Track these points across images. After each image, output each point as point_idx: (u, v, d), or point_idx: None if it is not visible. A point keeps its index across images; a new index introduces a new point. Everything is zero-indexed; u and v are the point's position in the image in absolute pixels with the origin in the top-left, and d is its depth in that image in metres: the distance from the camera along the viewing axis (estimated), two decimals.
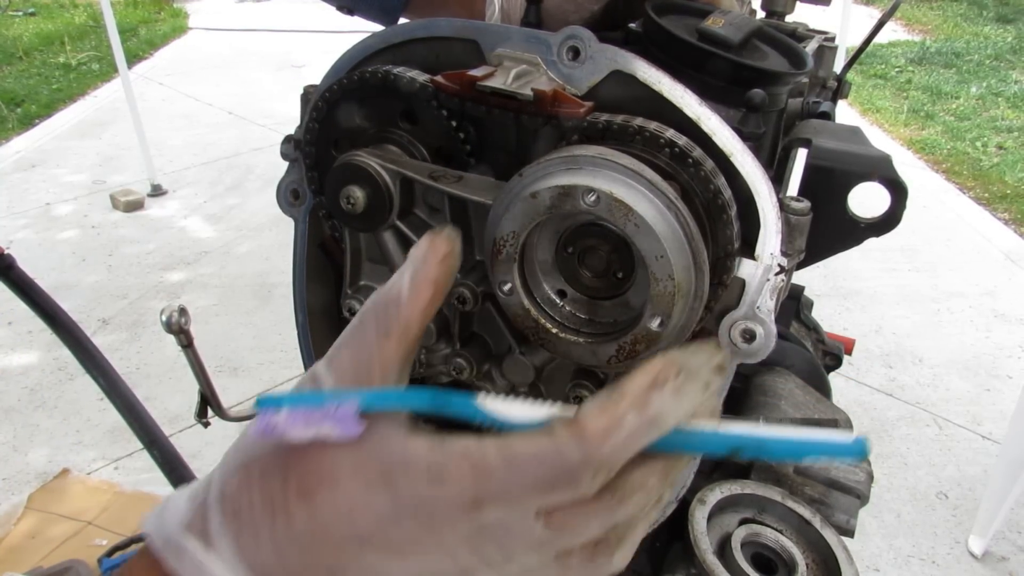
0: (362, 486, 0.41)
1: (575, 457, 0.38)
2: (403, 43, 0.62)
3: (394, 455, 0.41)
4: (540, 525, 0.40)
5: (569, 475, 0.38)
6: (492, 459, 0.39)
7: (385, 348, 0.45)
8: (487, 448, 0.40)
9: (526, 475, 0.39)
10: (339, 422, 0.41)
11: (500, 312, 0.63)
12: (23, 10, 9.04)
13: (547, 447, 0.39)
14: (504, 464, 0.39)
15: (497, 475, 0.39)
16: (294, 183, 0.70)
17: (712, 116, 0.54)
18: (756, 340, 0.56)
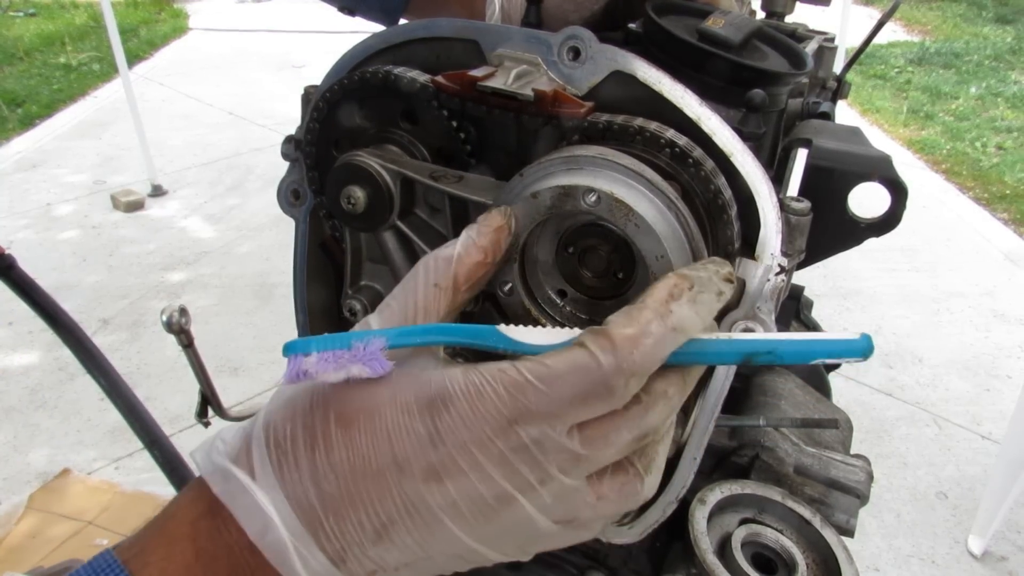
0: (401, 413, 0.42)
1: (610, 366, 0.39)
2: (403, 43, 0.63)
3: (431, 383, 0.42)
4: (574, 441, 0.41)
5: (605, 384, 0.40)
6: (529, 375, 0.40)
7: (431, 296, 0.47)
8: (522, 367, 0.41)
9: (563, 388, 0.40)
10: (367, 362, 0.43)
11: (500, 312, 0.63)
12: (23, 10, 9.05)
13: (581, 359, 0.40)
14: (540, 379, 0.40)
15: (533, 390, 0.40)
16: (295, 183, 0.70)
17: (712, 116, 0.54)
18: None
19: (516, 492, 0.41)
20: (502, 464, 0.41)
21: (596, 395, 0.40)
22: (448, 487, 0.41)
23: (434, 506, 0.41)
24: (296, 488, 0.42)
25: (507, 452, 0.41)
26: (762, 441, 0.79)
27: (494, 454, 0.41)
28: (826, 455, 0.78)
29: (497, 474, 0.41)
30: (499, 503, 0.42)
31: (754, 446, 0.79)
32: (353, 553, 0.42)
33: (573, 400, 0.40)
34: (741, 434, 0.81)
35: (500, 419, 0.40)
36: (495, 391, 0.41)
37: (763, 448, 0.78)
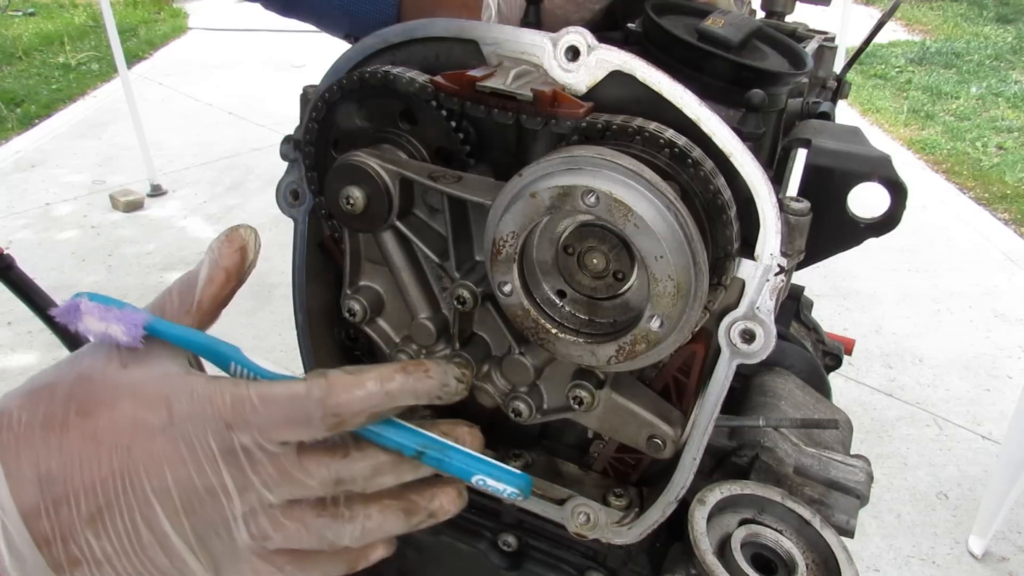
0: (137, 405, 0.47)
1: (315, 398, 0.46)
2: (402, 43, 0.62)
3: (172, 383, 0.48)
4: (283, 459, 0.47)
5: (305, 411, 0.46)
6: (251, 392, 0.47)
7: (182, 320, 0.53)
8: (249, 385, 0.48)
9: (274, 407, 0.46)
10: (127, 326, 0.48)
11: (500, 312, 0.63)
12: (23, 10, 9.04)
13: (297, 388, 0.47)
14: (259, 396, 0.47)
15: (251, 404, 0.46)
16: (294, 183, 0.70)
17: (712, 116, 0.54)
18: (756, 340, 0.56)
19: (222, 492, 0.46)
20: (214, 461, 0.46)
21: (296, 419, 0.46)
22: (165, 472, 0.46)
23: (149, 489, 0.46)
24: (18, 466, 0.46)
25: (219, 452, 0.46)
26: (762, 441, 0.79)
27: (209, 451, 0.46)
28: (826, 455, 0.78)
29: (209, 469, 0.46)
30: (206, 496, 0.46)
31: (754, 446, 0.79)
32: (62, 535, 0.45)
33: (279, 418, 0.46)
34: (741, 434, 0.81)
35: (220, 422, 0.46)
36: (222, 398, 0.47)
37: (763, 448, 0.78)
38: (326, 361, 0.78)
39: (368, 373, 0.48)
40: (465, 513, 0.81)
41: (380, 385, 0.48)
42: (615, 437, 0.68)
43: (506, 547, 0.79)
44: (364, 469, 0.50)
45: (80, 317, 0.48)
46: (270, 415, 0.46)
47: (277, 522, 0.48)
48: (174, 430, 0.46)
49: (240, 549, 0.48)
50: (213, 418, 0.46)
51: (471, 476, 0.51)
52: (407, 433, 0.51)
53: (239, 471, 0.47)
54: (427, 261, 0.66)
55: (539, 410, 0.67)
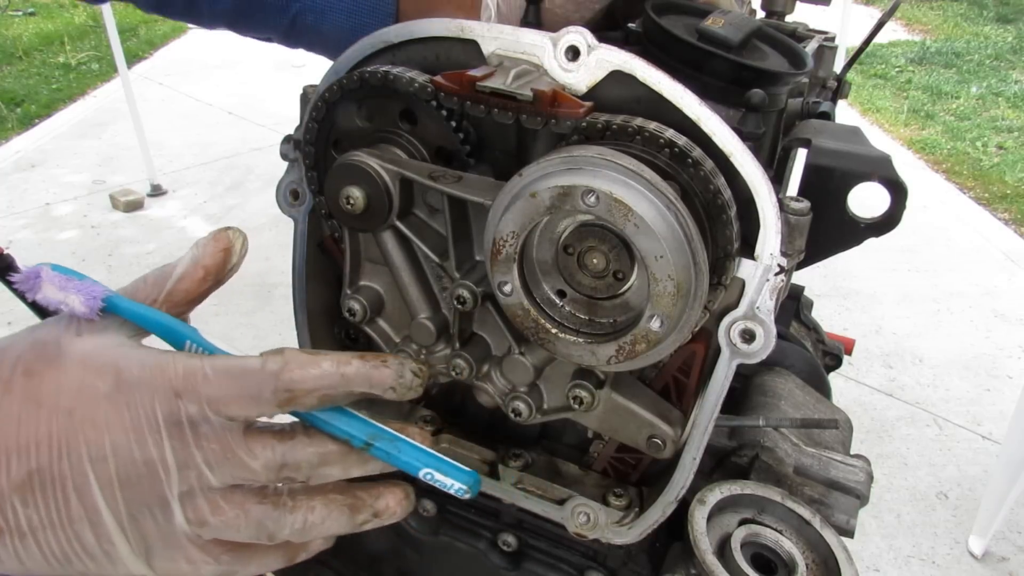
0: (85, 371, 0.46)
1: (268, 373, 0.45)
2: (403, 43, 0.62)
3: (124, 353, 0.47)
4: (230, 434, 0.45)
5: (257, 385, 0.45)
6: (205, 364, 0.46)
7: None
8: (204, 358, 0.46)
9: (226, 380, 0.45)
10: (86, 297, 0.48)
11: (500, 312, 0.63)
12: (23, 10, 9.04)
13: (251, 363, 0.46)
14: (212, 368, 0.46)
15: (203, 375, 0.45)
16: (294, 183, 0.70)
17: (712, 116, 0.54)
18: (756, 340, 0.56)
19: (160, 465, 0.45)
20: (157, 431, 0.45)
21: (248, 392, 0.45)
22: (105, 439, 0.44)
23: (86, 456, 0.44)
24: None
25: (164, 422, 0.45)
26: (762, 441, 0.79)
27: (153, 420, 0.44)
28: (826, 455, 0.78)
29: (151, 439, 0.44)
30: (144, 469, 0.45)
31: (754, 446, 0.79)
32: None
33: (231, 390, 0.45)
34: (741, 434, 0.81)
35: (169, 390, 0.45)
36: (174, 367, 0.45)
37: (763, 448, 0.78)
38: None
39: (326, 355, 0.48)
40: (465, 513, 0.81)
41: (336, 367, 0.47)
42: (615, 437, 0.68)
43: (506, 547, 0.79)
44: (311, 456, 0.48)
45: (39, 286, 0.48)
46: (221, 385, 0.45)
47: (216, 506, 0.46)
48: (120, 396, 0.45)
49: (175, 533, 0.46)
50: (162, 385, 0.45)
51: (419, 470, 0.50)
52: (357, 422, 0.50)
53: (182, 444, 0.45)
54: (427, 261, 0.66)
55: (539, 410, 0.67)
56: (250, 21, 0.90)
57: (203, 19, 0.92)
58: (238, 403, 0.45)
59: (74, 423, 0.44)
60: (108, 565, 0.47)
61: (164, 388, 0.45)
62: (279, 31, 0.90)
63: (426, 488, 0.73)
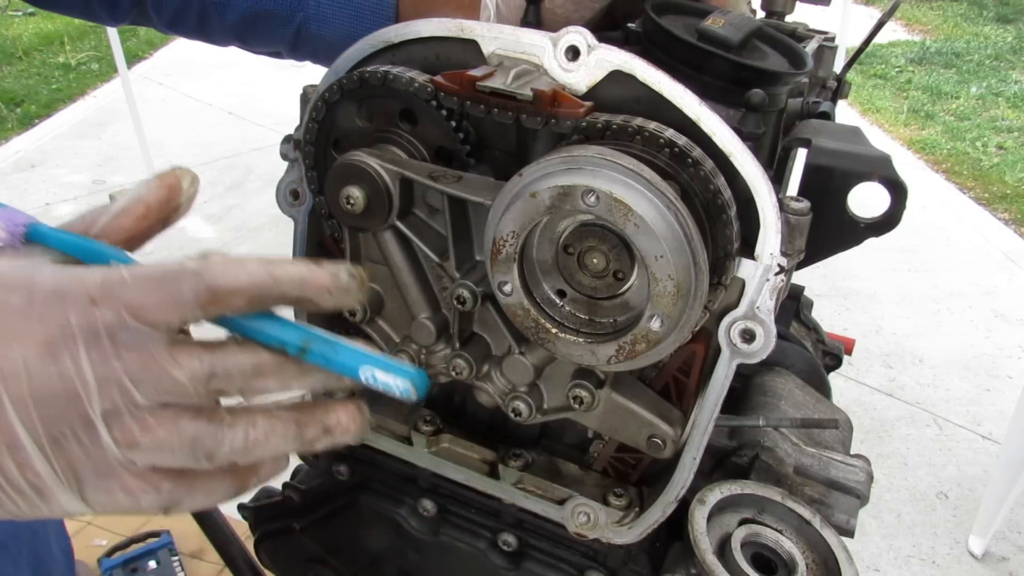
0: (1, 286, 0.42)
1: (190, 272, 0.42)
2: (402, 43, 0.62)
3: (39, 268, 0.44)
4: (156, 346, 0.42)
5: (178, 283, 0.42)
6: (124, 270, 0.43)
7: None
8: (124, 267, 0.44)
9: (146, 282, 0.42)
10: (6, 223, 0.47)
11: (500, 312, 0.63)
12: (23, 10, 9.04)
13: (173, 266, 0.43)
14: (131, 273, 0.42)
15: (121, 280, 0.42)
16: (294, 183, 0.70)
17: (712, 116, 0.54)
18: (756, 340, 0.56)
19: (77, 378, 0.41)
20: (73, 342, 0.41)
21: (168, 293, 0.42)
22: (17, 354, 0.41)
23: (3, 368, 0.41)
24: None
25: (79, 331, 0.41)
26: (762, 441, 0.79)
27: (68, 329, 0.41)
28: (826, 455, 0.78)
29: (67, 352, 0.41)
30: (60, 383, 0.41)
31: (754, 446, 0.79)
32: None
33: (150, 293, 0.42)
34: (741, 434, 0.81)
35: (85, 297, 0.42)
36: (91, 277, 0.42)
37: (763, 448, 0.78)
38: None
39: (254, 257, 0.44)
40: (465, 512, 0.81)
41: (264, 267, 0.44)
42: (615, 437, 0.68)
43: (506, 547, 0.79)
44: (243, 365, 0.44)
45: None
46: (140, 289, 0.42)
47: (145, 424, 0.42)
48: (32, 309, 0.42)
49: (106, 459, 0.43)
50: (78, 293, 0.42)
51: (359, 370, 0.46)
52: (290, 328, 0.46)
53: (100, 356, 0.41)
54: (427, 261, 0.66)
55: (539, 410, 0.67)
56: (257, 33, 0.91)
57: (215, 35, 0.93)
58: (158, 307, 0.42)
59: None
60: (39, 501, 0.44)
61: (80, 296, 0.42)
62: (285, 42, 0.91)
63: (428, 488, 0.72)
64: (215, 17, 0.90)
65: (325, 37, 0.88)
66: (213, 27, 0.91)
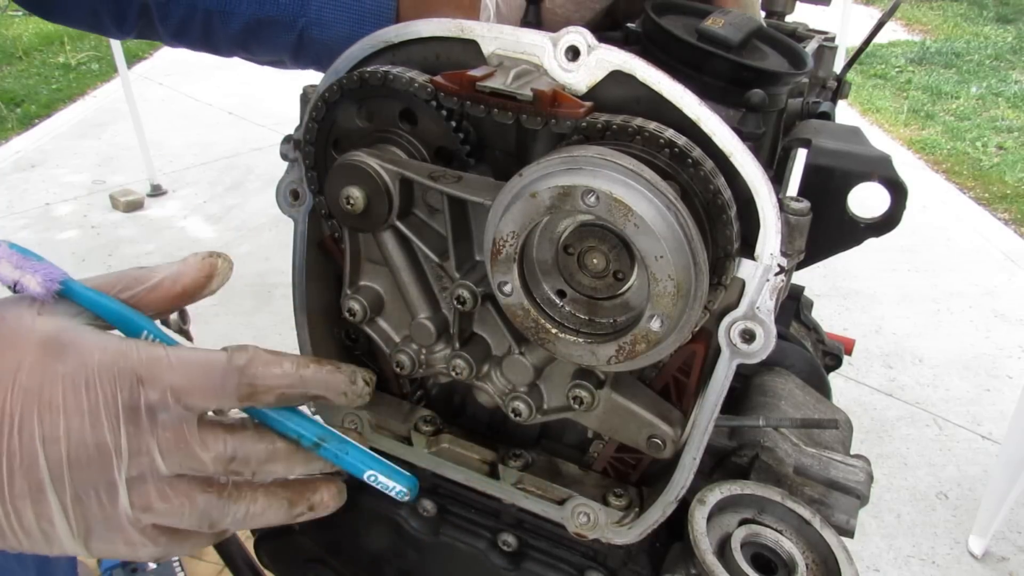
0: (45, 350, 0.45)
1: (234, 365, 0.47)
2: (402, 43, 0.62)
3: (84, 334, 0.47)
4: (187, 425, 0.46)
5: (222, 375, 0.47)
6: (169, 352, 0.46)
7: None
8: (168, 347, 0.47)
9: (191, 369, 0.46)
10: (43, 278, 0.48)
11: (500, 312, 0.63)
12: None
13: (217, 355, 0.47)
14: (177, 357, 0.46)
15: (168, 363, 0.45)
16: (294, 183, 0.70)
17: (712, 116, 0.54)
18: (756, 340, 0.56)
19: (113, 449, 0.45)
20: (114, 416, 0.45)
21: (213, 383, 0.46)
22: (60, 420, 0.44)
23: (38, 435, 0.44)
24: None
25: (123, 407, 0.45)
26: (762, 441, 0.79)
27: (113, 404, 0.45)
28: (826, 455, 0.78)
29: (107, 424, 0.44)
30: (96, 452, 0.45)
31: (754, 446, 0.79)
32: None
33: (195, 380, 0.46)
34: (741, 434, 0.81)
35: (132, 375, 0.45)
36: (137, 353, 0.46)
37: (763, 448, 0.78)
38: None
39: (287, 355, 0.50)
40: (465, 512, 0.81)
41: (296, 367, 0.49)
42: (615, 437, 0.68)
43: (506, 547, 0.79)
44: (260, 452, 0.50)
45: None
46: (187, 375, 0.46)
47: (163, 493, 0.47)
48: (80, 378, 0.45)
49: (118, 516, 0.47)
50: (126, 370, 0.45)
51: (364, 472, 0.53)
52: (309, 423, 0.52)
53: (137, 430, 0.45)
54: (427, 261, 0.66)
55: (539, 410, 0.67)
56: (261, 41, 0.91)
57: (220, 45, 0.94)
58: (201, 393, 0.46)
59: (29, 402, 0.44)
60: (43, 543, 0.47)
61: (127, 373, 0.45)
62: (289, 49, 0.92)
63: (428, 488, 0.73)
64: (219, 26, 0.90)
65: (327, 42, 0.88)
66: (217, 36, 0.92)
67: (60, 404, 0.44)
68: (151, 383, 0.45)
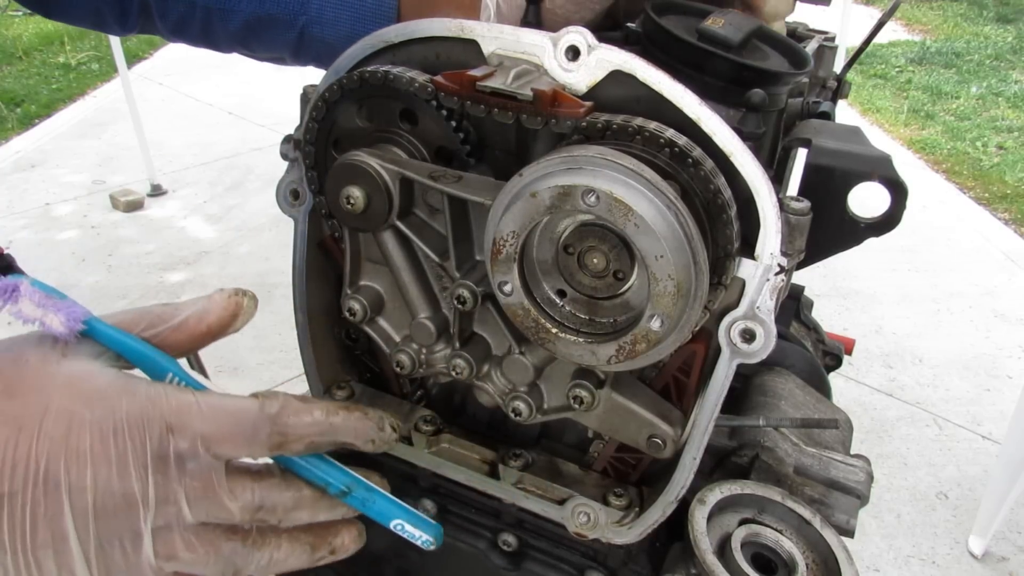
0: (72, 397, 0.44)
1: (266, 414, 0.47)
2: (403, 43, 0.62)
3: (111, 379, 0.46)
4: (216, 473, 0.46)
5: (254, 425, 0.46)
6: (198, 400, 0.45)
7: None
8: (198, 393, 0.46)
9: (222, 417, 0.45)
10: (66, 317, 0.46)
11: (500, 312, 0.63)
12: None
13: (248, 403, 0.47)
14: (208, 404, 0.45)
15: (199, 410, 0.45)
16: (294, 183, 0.70)
17: (712, 116, 0.54)
18: (756, 340, 0.56)
19: (141, 499, 0.44)
20: (142, 466, 0.44)
21: (244, 432, 0.46)
22: (87, 470, 0.43)
23: (64, 484, 0.43)
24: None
25: (152, 456, 0.44)
26: (762, 441, 0.79)
27: (140, 453, 0.44)
28: (826, 455, 0.78)
29: (135, 473, 0.44)
30: (122, 502, 0.44)
31: (754, 446, 0.79)
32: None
33: (227, 429, 0.45)
34: (741, 434, 0.81)
35: (162, 423, 0.44)
36: (167, 400, 0.45)
37: (763, 448, 0.78)
38: (326, 361, 0.78)
39: (316, 403, 0.50)
40: (465, 512, 0.81)
41: (326, 416, 0.49)
42: (615, 437, 0.68)
43: (506, 547, 0.79)
44: (287, 500, 0.50)
45: (17, 299, 0.45)
46: (218, 424, 0.45)
47: (189, 543, 0.46)
48: (108, 426, 0.44)
49: (141, 564, 0.46)
50: (155, 418, 0.44)
51: (391, 521, 0.54)
52: (337, 471, 0.52)
53: (165, 479, 0.44)
54: (427, 261, 0.66)
55: (539, 410, 0.67)
56: (261, 39, 0.91)
57: (219, 42, 0.93)
58: (232, 443, 0.46)
59: (56, 450, 0.43)
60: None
61: (156, 421, 0.44)
62: (289, 46, 0.91)
63: (428, 488, 0.73)
64: (219, 24, 0.90)
65: (327, 40, 0.88)
66: (217, 34, 0.91)
67: (87, 453, 0.43)
68: (181, 432, 0.44)
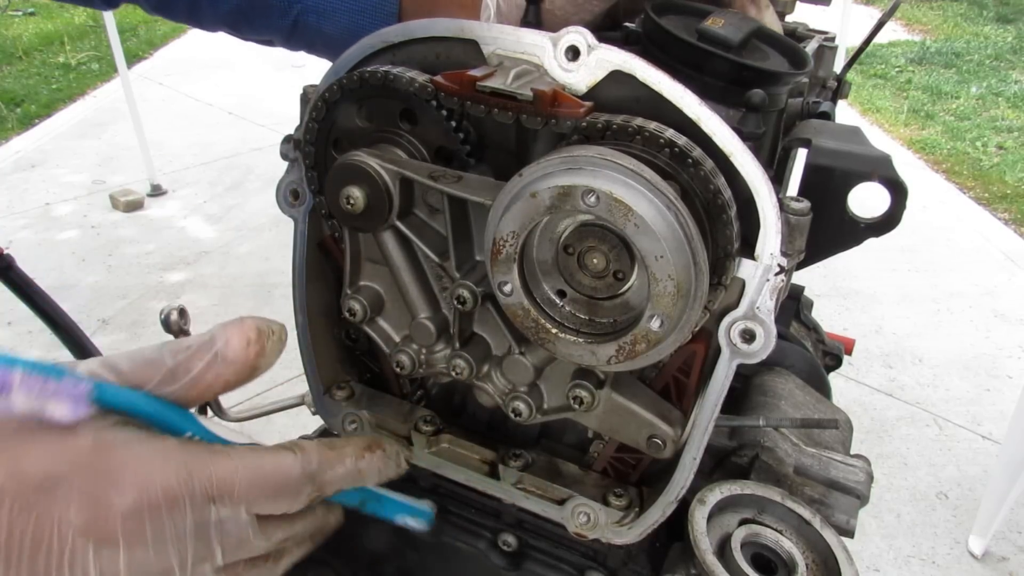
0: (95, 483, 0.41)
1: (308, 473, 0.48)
2: (403, 43, 0.62)
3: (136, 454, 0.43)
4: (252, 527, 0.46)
5: (297, 487, 0.48)
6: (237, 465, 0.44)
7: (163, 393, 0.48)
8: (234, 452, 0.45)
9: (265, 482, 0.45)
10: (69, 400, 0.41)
11: (500, 312, 0.63)
12: (23, 10, 9.04)
13: (287, 461, 0.47)
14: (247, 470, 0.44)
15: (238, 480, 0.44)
16: (294, 183, 0.70)
17: (712, 116, 0.54)
18: (756, 340, 0.56)
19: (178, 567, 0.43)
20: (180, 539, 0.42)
21: (287, 494, 0.47)
22: (119, 557, 0.40)
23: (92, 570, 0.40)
24: None
25: (191, 526, 0.42)
26: (762, 441, 0.79)
27: (179, 526, 0.42)
28: (826, 455, 0.78)
29: (173, 548, 0.42)
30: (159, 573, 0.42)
31: (754, 446, 0.79)
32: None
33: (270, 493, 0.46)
34: (741, 434, 0.81)
35: (204, 497, 0.42)
36: (206, 471, 0.43)
37: (763, 448, 0.78)
38: (326, 361, 0.78)
39: (345, 449, 0.53)
40: (465, 513, 0.81)
41: (355, 463, 0.53)
42: (615, 437, 0.68)
43: (506, 547, 0.79)
44: (308, 525, 0.53)
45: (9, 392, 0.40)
46: (262, 489, 0.45)
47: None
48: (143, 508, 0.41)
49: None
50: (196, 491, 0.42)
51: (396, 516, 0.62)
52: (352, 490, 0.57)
53: (205, 544, 0.44)
54: (427, 261, 0.66)
55: (539, 410, 0.67)
56: (252, 23, 0.89)
57: (205, 21, 0.91)
58: (275, 503, 0.47)
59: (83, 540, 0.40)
60: None
61: (200, 496, 0.43)
62: (281, 33, 0.90)
63: (428, 488, 0.74)
64: (207, 5, 0.88)
65: (323, 30, 0.87)
66: (204, 13, 0.89)
67: (119, 538, 0.41)
68: (223, 501, 0.43)
